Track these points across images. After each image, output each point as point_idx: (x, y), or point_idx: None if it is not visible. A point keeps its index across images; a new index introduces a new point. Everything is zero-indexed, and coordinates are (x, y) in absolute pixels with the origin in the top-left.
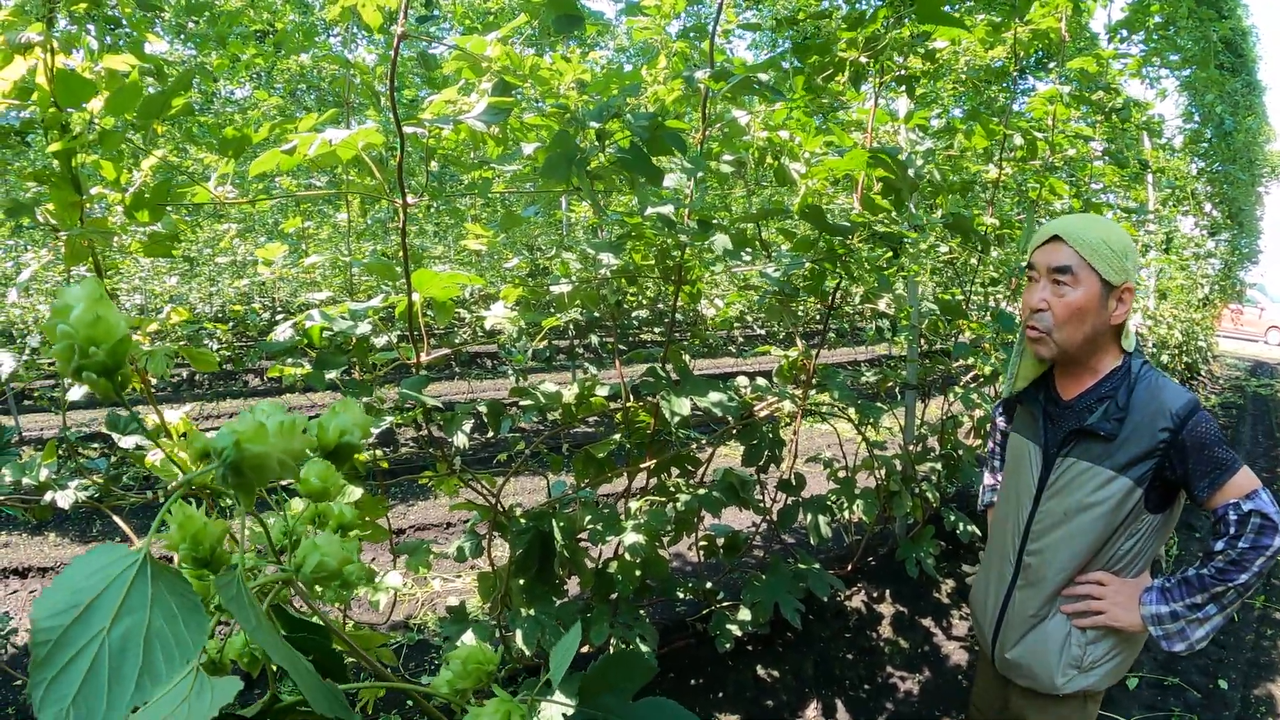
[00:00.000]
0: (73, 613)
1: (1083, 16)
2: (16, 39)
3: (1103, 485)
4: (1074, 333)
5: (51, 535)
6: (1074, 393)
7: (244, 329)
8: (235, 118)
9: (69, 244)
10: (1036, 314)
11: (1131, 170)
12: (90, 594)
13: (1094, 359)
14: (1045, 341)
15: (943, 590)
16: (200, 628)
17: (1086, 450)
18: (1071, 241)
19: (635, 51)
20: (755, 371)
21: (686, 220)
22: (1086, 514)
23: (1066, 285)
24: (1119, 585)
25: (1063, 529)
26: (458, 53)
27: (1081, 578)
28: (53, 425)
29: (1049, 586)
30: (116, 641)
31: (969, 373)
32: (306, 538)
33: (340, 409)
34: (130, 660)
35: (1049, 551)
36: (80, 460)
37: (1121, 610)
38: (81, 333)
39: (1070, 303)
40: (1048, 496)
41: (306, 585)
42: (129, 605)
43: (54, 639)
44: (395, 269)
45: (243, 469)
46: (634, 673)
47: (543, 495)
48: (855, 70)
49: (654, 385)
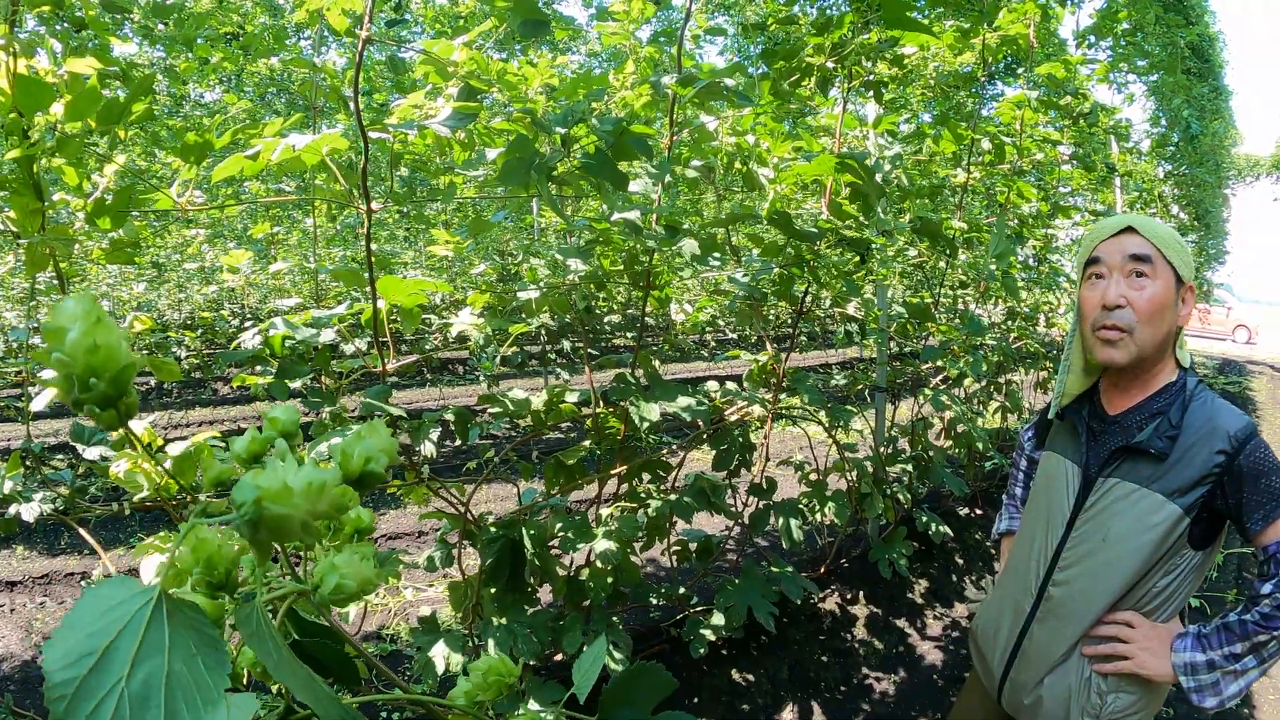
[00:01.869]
0: (88, 661)
1: (1051, 23)
2: None
3: (1148, 512)
4: (1155, 331)
5: (19, 548)
6: (1122, 407)
7: (213, 336)
8: (204, 121)
9: (29, 251)
10: (1114, 311)
11: (1099, 174)
12: (105, 638)
13: (1156, 367)
14: (1124, 343)
15: (916, 591)
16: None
17: (1133, 471)
18: (1146, 232)
19: (607, 56)
20: (726, 376)
21: (654, 225)
22: (1126, 543)
23: (1146, 277)
24: (1149, 629)
25: (1096, 559)
26: (425, 57)
27: (1109, 617)
28: (16, 435)
29: (1072, 623)
30: (137, 692)
31: (939, 375)
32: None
33: (366, 433)
34: (152, 711)
35: (1077, 583)
36: (45, 472)
37: (1151, 657)
38: (80, 361)
39: (1153, 296)
40: (1083, 521)
41: (323, 605)
42: (146, 649)
43: (71, 692)
44: (362, 275)
45: (261, 528)
46: (654, 687)
47: (513, 503)
48: (822, 76)
49: (623, 390)
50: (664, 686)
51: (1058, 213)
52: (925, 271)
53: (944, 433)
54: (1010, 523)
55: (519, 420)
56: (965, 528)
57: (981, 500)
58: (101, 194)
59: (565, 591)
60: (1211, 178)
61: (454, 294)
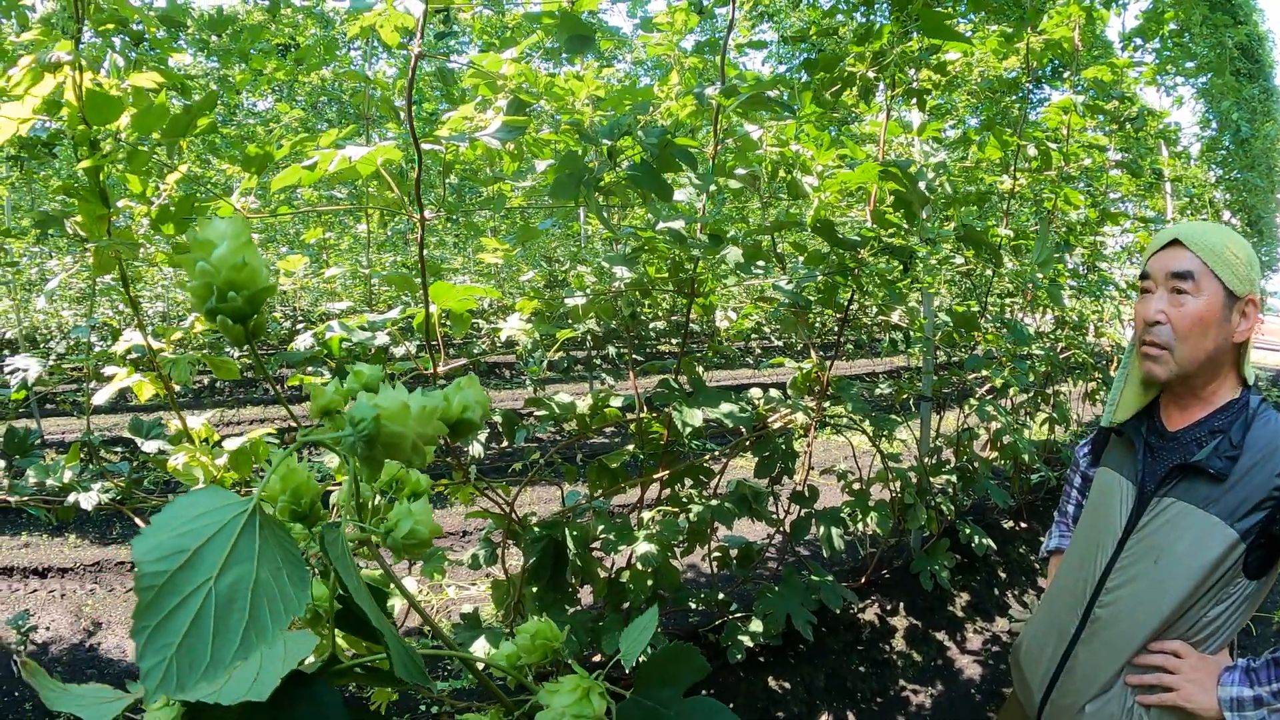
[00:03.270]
0: (179, 558)
1: (1096, 25)
2: (46, 58)
3: (1204, 534)
4: (1196, 348)
5: (71, 536)
6: (1182, 423)
7: (265, 338)
8: (258, 130)
9: (97, 254)
10: (1154, 327)
11: (1147, 180)
12: (197, 540)
13: (1211, 385)
14: (1164, 359)
15: (957, 604)
16: (304, 584)
17: (1190, 490)
18: (1192, 246)
19: (651, 65)
20: (770, 383)
21: (699, 234)
22: (1178, 566)
23: (1187, 293)
24: (1197, 660)
25: (1146, 581)
26: (474, 69)
27: (1156, 645)
28: (74, 429)
29: (1118, 647)
30: (224, 592)
31: (985, 385)
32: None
33: (464, 385)
34: (237, 613)
35: (1125, 605)
36: (103, 463)
37: (1196, 689)
38: (223, 275)
39: (1191, 312)
40: (1136, 540)
41: (395, 550)
42: (236, 555)
43: (159, 584)
44: (414, 281)
45: (377, 444)
46: (689, 668)
47: (557, 505)
48: (864, 84)
49: (667, 396)
50: (698, 669)
51: (1106, 220)
52: (971, 280)
53: (989, 444)
54: (1060, 540)
55: (564, 424)
56: (1009, 541)
57: (1026, 513)
58: (165, 201)
59: (605, 593)
60: (1264, 182)
61: (502, 299)
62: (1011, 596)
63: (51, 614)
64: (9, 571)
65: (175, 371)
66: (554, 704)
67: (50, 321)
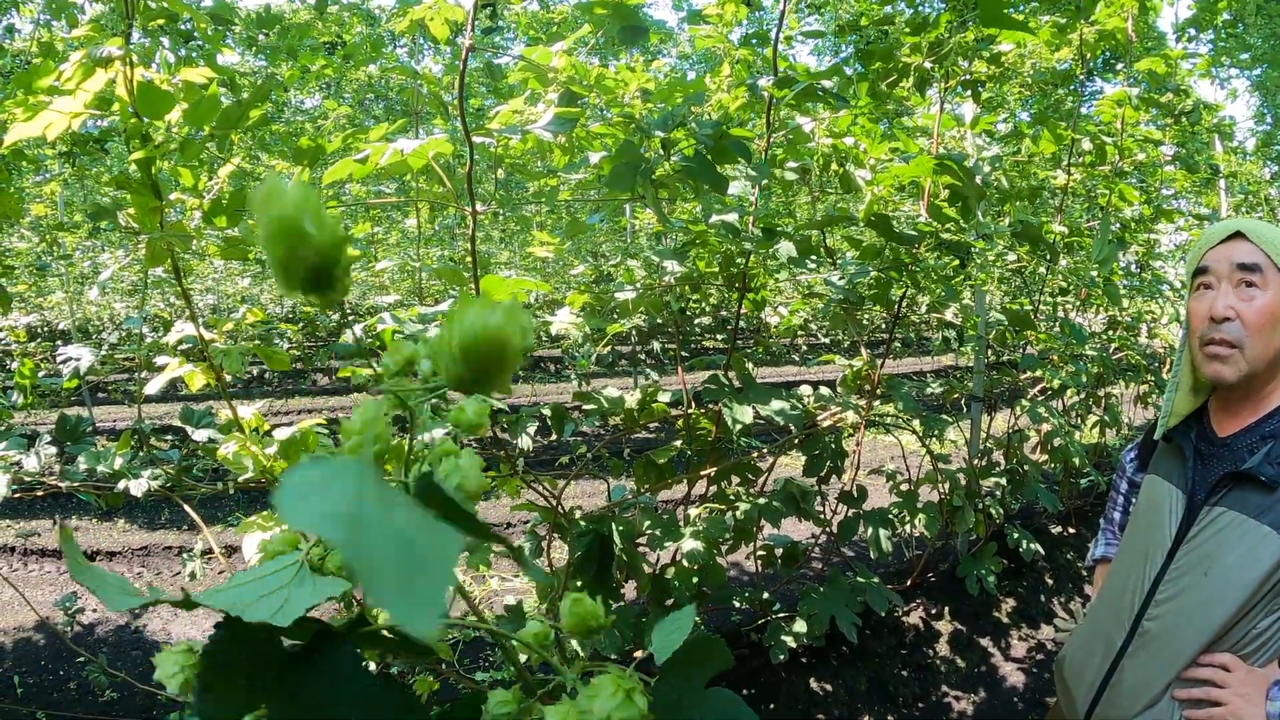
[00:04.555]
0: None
1: (1149, 16)
2: (98, 53)
3: (1255, 545)
4: (1267, 345)
5: (120, 521)
6: (1233, 429)
7: (313, 330)
8: (306, 126)
9: (150, 246)
10: (1222, 324)
11: (1203, 175)
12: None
13: (1267, 387)
14: (1233, 359)
15: (1003, 609)
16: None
17: (1241, 500)
18: (1256, 238)
19: (699, 59)
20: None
21: (751, 228)
22: (1229, 578)
23: (1256, 287)
24: (1246, 674)
25: (1196, 593)
26: (523, 63)
27: (1205, 658)
28: (125, 417)
29: (1166, 661)
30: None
31: (1037, 385)
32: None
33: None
34: None
35: (1174, 618)
36: (153, 451)
37: (1246, 704)
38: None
39: (1264, 307)
40: (1185, 551)
41: None
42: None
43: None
44: (463, 274)
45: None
46: (713, 659)
47: (602, 499)
48: (920, 75)
49: (716, 392)
50: (722, 660)
51: (1160, 216)
52: (1024, 277)
53: (1040, 446)
54: (1106, 549)
55: (610, 418)
56: (1057, 546)
57: (1075, 519)
58: (218, 194)
59: (650, 589)
60: None
61: (550, 293)
62: (1058, 603)
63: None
64: (58, 554)
65: (227, 362)
66: (595, 709)
67: (103, 313)
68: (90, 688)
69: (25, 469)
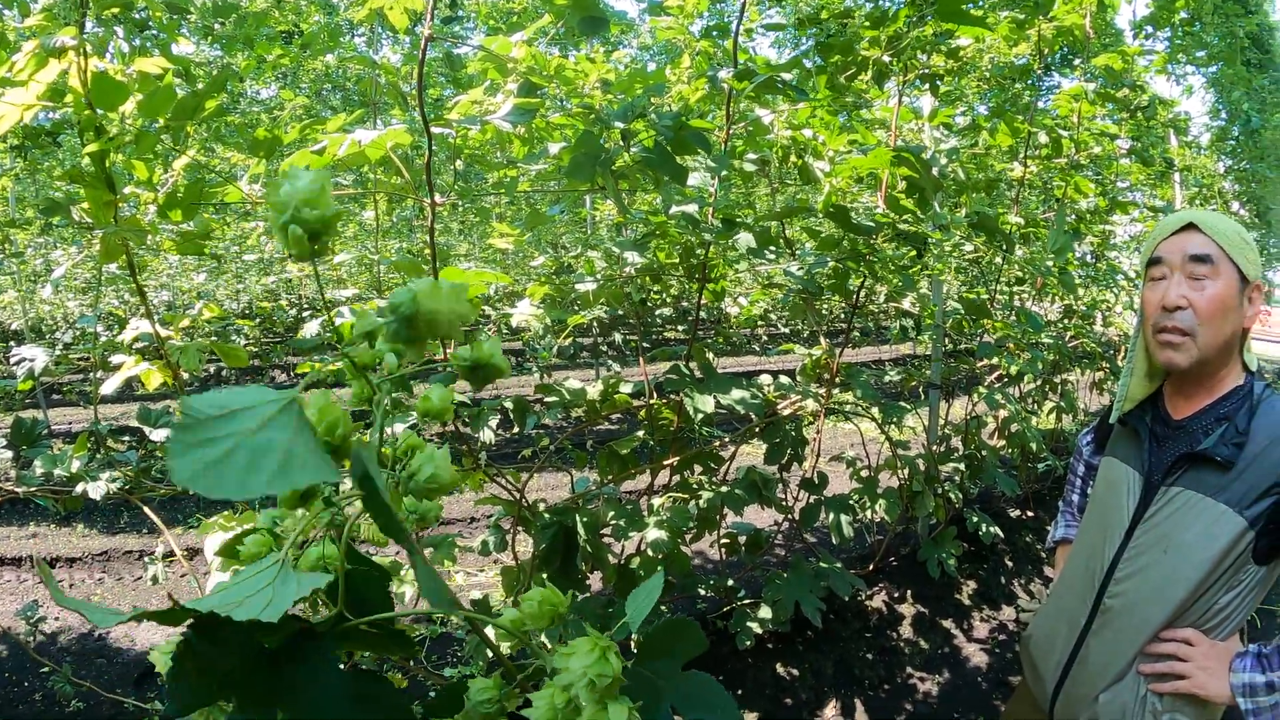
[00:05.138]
0: (221, 409)
1: (1107, 13)
2: (51, 43)
3: (1212, 523)
4: (1217, 333)
5: (79, 526)
6: (1187, 412)
7: (271, 326)
8: (262, 117)
9: (104, 241)
10: (1175, 313)
11: (1157, 169)
12: (239, 405)
13: (1221, 371)
14: (1185, 346)
15: (964, 592)
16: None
17: (1197, 479)
18: (1207, 229)
19: (659, 50)
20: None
21: (710, 219)
22: (1187, 556)
23: (1207, 277)
24: (1208, 647)
25: (1156, 571)
26: (483, 54)
27: (1167, 634)
28: (80, 419)
29: (1129, 637)
30: (259, 443)
31: (994, 373)
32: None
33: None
34: (269, 459)
35: (1135, 595)
36: (111, 453)
37: (1209, 676)
38: (302, 195)
39: (1214, 296)
40: (1143, 530)
41: (416, 495)
42: (275, 425)
43: (201, 420)
44: (422, 266)
45: (417, 323)
46: (688, 642)
47: (566, 491)
48: (878, 69)
49: (678, 382)
50: (698, 644)
51: (1116, 208)
52: (982, 267)
53: (997, 432)
54: (1066, 530)
55: (573, 410)
56: (1016, 529)
57: (1033, 502)
58: (173, 187)
59: (615, 579)
60: (1274, 173)
61: (510, 285)
62: (1018, 585)
63: None
64: (17, 562)
65: (183, 359)
66: (572, 665)
67: (56, 312)
68: (56, 698)
69: None
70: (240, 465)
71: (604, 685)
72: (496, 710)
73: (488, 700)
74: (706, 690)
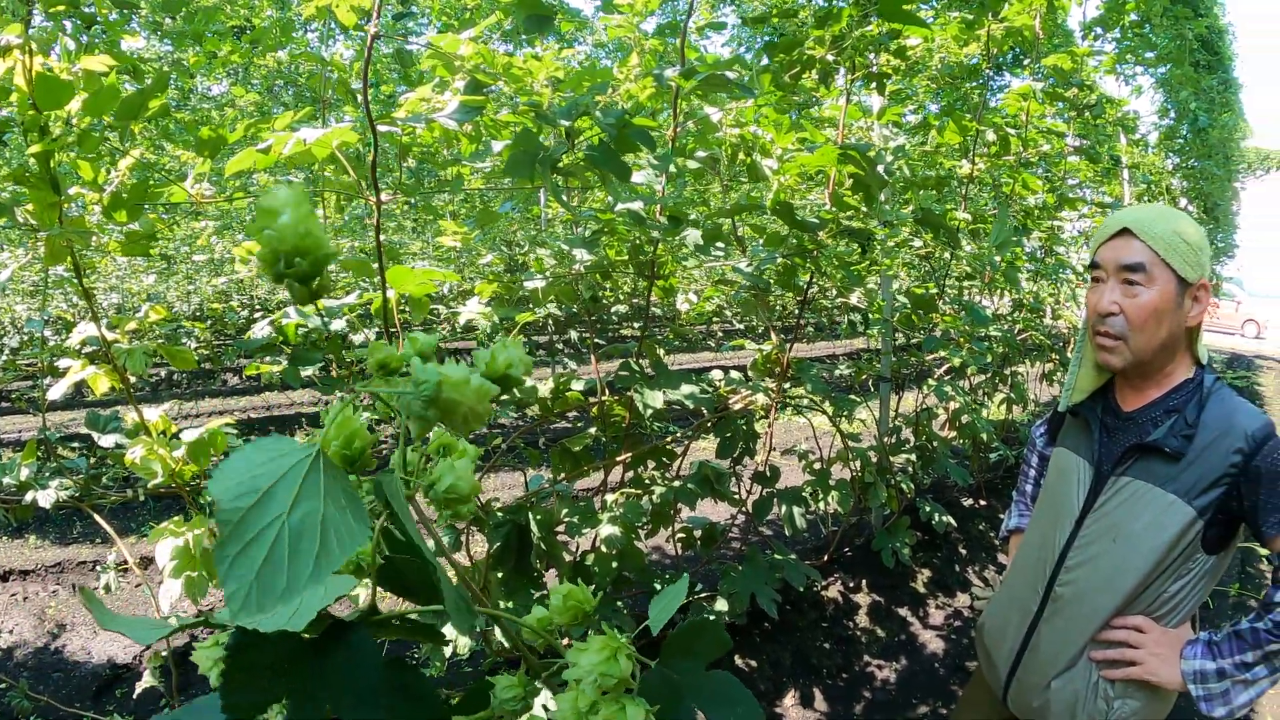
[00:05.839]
0: (253, 496)
1: (1058, 14)
2: None
3: (1161, 512)
4: (1151, 338)
5: (32, 538)
6: (1137, 404)
7: (222, 327)
8: (213, 114)
9: (49, 244)
10: (1107, 319)
11: (1105, 166)
12: (268, 480)
13: (1166, 367)
14: (1118, 349)
15: (919, 580)
16: (364, 518)
17: (1146, 470)
18: (1142, 235)
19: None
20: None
21: (658, 216)
22: (1137, 545)
23: (1140, 285)
24: (1159, 635)
25: (1106, 560)
26: (432, 50)
27: (1118, 621)
28: (29, 426)
29: (1080, 625)
30: (295, 525)
31: (944, 366)
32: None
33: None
34: (308, 542)
35: (1086, 584)
36: (60, 460)
37: (1160, 663)
38: (289, 241)
39: (1145, 304)
40: (1093, 520)
41: (436, 504)
42: (305, 493)
43: (236, 519)
44: (371, 265)
45: (434, 406)
46: (713, 643)
47: (520, 490)
48: (823, 68)
49: (629, 379)
50: (721, 645)
51: (1064, 204)
52: (930, 263)
53: (948, 423)
54: (1019, 520)
55: (526, 408)
56: (969, 518)
57: (985, 491)
58: (118, 188)
59: (570, 576)
60: (1221, 171)
61: (462, 283)
62: (972, 572)
63: (15, 618)
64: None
65: (130, 362)
66: (582, 662)
67: (3, 316)
68: (13, 714)
69: None
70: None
71: (609, 685)
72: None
73: (513, 697)
74: (728, 689)
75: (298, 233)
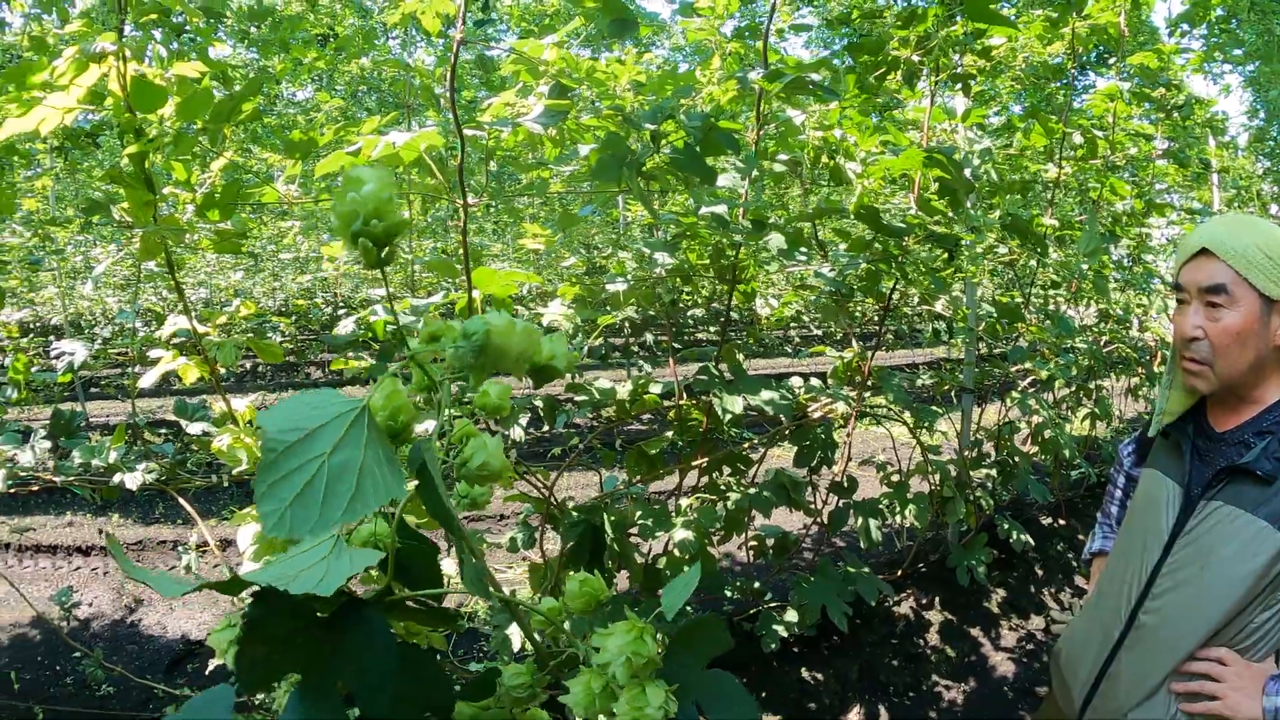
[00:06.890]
0: (298, 434)
1: (1142, 11)
2: (91, 49)
3: (1252, 539)
4: (1236, 361)
5: (115, 516)
6: (1230, 424)
7: (306, 323)
8: (298, 119)
9: (144, 240)
10: (1191, 343)
11: (1194, 170)
12: (314, 423)
13: (1258, 388)
14: (1204, 374)
15: (993, 600)
16: (401, 477)
17: (1238, 494)
18: (1222, 254)
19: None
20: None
21: (741, 220)
22: (1226, 572)
23: (1222, 307)
24: (1242, 668)
25: (1193, 587)
26: (515, 56)
27: (1202, 653)
28: (119, 412)
29: (1163, 655)
30: (335, 466)
31: (1027, 378)
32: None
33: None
34: (345, 484)
35: (1171, 611)
36: (148, 445)
37: (1243, 698)
38: (369, 205)
39: (1228, 327)
40: (1182, 545)
41: (468, 480)
42: (347, 440)
43: (280, 449)
44: (455, 266)
45: (486, 353)
46: (714, 641)
47: (595, 490)
48: (908, 69)
49: (707, 383)
50: (722, 643)
51: (1152, 211)
52: (1015, 270)
53: (1030, 438)
54: (1103, 543)
55: (603, 410)
56: (1047, 538)
57: (1065, 510)
58: (210, 188)
59: (642, 579)
60: None
61: (542, 285)
62: (1049, 594)
63: (94, 591)
64: (53, 550)
65: (221, 354)
66: (609, 645)
67: (95, 307)
68: (87, 682)
69: (20, 464)
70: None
71: (639, 664)
72: (529, 695)
73: (520, 684)
74: (727, 688)
75: (379, 198)
